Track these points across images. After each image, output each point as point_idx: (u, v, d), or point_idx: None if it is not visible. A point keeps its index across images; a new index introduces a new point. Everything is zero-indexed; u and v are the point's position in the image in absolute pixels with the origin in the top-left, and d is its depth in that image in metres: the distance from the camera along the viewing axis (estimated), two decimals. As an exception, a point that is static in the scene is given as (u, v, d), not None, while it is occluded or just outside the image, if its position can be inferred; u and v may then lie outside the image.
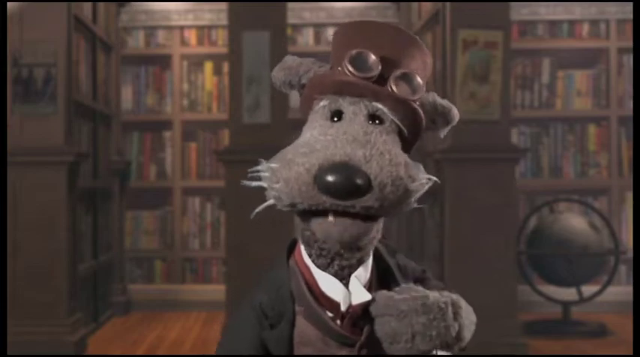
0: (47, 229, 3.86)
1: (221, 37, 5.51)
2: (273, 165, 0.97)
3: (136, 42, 5.58)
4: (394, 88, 1.02)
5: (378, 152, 0.96)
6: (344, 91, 1.03)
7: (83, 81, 4.56)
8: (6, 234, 3.70)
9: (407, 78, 1.03)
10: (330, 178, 0.93)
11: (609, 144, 5.27)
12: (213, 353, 1.08)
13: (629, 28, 5.28)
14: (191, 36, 5.58)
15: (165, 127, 5.54)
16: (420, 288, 1.02)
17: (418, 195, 0.98)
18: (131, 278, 5.42)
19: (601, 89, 5.33)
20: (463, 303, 1.03)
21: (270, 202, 0.99)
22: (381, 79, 1.02)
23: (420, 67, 1.07)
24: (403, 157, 0.98)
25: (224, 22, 4.95)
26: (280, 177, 0.96)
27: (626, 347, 3.91)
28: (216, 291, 4.88)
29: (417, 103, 1.04)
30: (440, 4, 4.08)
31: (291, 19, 4.96)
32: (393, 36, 1.06)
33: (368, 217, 0.97)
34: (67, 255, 3.89)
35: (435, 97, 1.09)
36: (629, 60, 5.31)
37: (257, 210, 1.01)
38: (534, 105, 5.34)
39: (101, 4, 4.99)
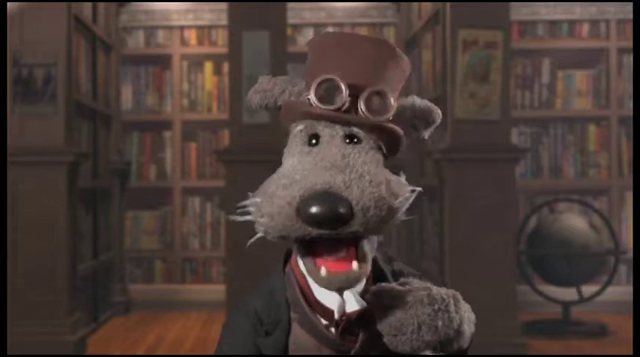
0: (47, 229, 3.86)
1: (221, 37, 5.51)
2: (257, 199, 0.98)
3: (136, 42, 5.58)
4: (364, 109, 1.02)
5: (357, 175, 0.96)
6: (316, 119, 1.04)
7: (83, 81, 4.56)
8: (6, 234, 3.70)
9: (378, 97, 1.03)
10: (312, 210, 0.93)
11: (609, 144, 5.27)
12: (212, 353, 1.09)
13: (629, 28, 5.28)
14: (191, 36, 5.58)
15: (165, 127, 5.54)
16: (421, 281, 1.04)
17: (403, 210, 0.98)
18: (131, 278, 5.42)
19: (601, 89, 5.33)
20: (461, 300, 1.04)
21: (260, 234, 0.99)
22: (354, 98, 1.02)
23: (395, 77, 1.06)
24: (383, 175, 0.98)
25: (224, 22, 4.95)
26: (264, 212, 0.97)
27: (626, 347, 3.91)
28: (216, 291, 4.88)
29: (391, 118, 1.04)
30: (440, 4, 4.08)
31: (291, 19, 4.96)
32: (368, 49, 1.05)
33: (362, 255, 0.98)
34: (67, 255, 3.89)
35: (414, 101, 1.09)
36: (629, 60, 5.31)
37: (250, 242, 1.01)
38: (534, 105, 5.34)
39: (101, 4, 4.99)
